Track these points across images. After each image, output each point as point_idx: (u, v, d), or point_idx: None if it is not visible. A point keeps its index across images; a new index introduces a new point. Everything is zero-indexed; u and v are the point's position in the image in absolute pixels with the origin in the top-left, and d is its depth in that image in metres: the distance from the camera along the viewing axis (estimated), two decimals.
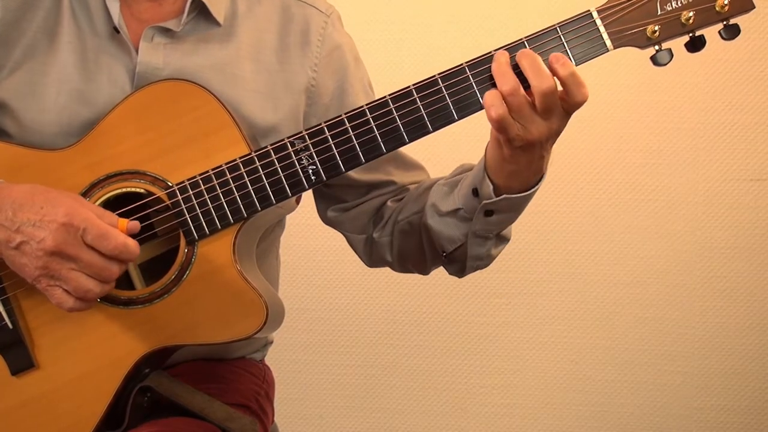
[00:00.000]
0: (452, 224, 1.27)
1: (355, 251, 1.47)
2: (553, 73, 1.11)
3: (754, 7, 1.11)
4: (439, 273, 2.29)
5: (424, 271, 1.42)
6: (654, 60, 1.15)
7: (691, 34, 1.13)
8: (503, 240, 1.30)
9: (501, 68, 1.12)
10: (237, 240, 1.21)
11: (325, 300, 2.38)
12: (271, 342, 1.56)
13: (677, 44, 1.14)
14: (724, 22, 1.12)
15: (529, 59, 1.11)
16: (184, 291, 1.20)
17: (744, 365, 2.27)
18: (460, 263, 1.32)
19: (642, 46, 1.14)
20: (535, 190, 1.20)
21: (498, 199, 1.20)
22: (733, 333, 2.26)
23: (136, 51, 1.27)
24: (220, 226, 1.20)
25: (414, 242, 1.36)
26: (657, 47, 1.14)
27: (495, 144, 1.16)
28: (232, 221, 1.20)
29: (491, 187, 1.19)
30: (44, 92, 1.26)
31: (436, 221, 1.28)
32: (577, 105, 1.12)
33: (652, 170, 2.24)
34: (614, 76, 2.17)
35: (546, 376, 2.34)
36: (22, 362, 1.21)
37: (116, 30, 1.27)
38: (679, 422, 2.30)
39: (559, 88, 1.12)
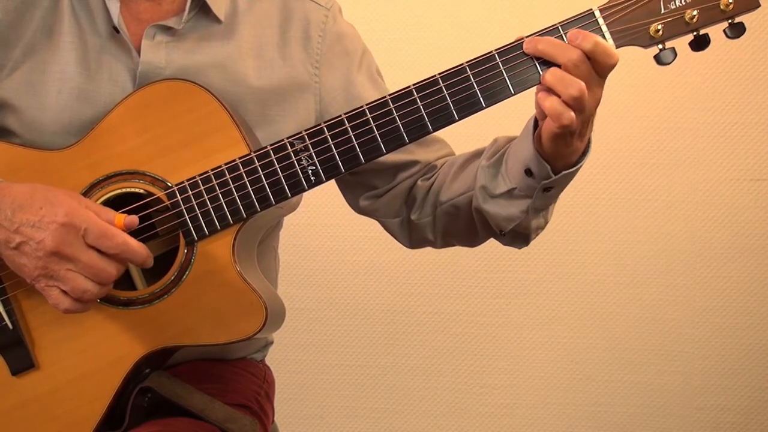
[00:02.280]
0: (508, 204, 1.25)
1: (393, 235, 1.45)
2: (578, 48, 1.10)
3: (759, 5, 1.11)
4: (439, 273, 2.30)
5: (472, 245, 1.42)
6: (658, 59, 1.14)
7: (695, 33, 1.13)
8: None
9: (556, 74, 1.10)
10: (236, 241, 1.21)
11: (325, 300, 2.38)
12: (272, 342, 1.56)
13: (679, 43, 1.13)
14: (729, 21, 1.12)
15: (544, 43, 1.11)
16: (184, 292, 1.20)
17: (744, 365, 2.27)
18: (522, 237, 1.32)
19: (645, 46, 1.13)
20: (587, 157, 1.21)
21: (558, 177, 1.19)
22: (733, 333, 2.26)
23: (136, 51, 1.27)
24: (219, 227, 1.20)
25: (461, 223, 1.36)
26: (660, 46, 1.13)
27: (550, 135, 1.15)
28: (231, 222, 1.20)
29: (548, 167, 1.18)
30: (45, 91, 1.26)
31: (490, 204, 1.27)
32: (610, 68, 1.12)
33: (651, 170, 2.24)
34: (614, 75, 2.16)
35: (546, 376, 2.34)
36: (23, 362, 1.21)
37: (116, 30, 1.26)
38: (679, 422, 2.30)
39: None
